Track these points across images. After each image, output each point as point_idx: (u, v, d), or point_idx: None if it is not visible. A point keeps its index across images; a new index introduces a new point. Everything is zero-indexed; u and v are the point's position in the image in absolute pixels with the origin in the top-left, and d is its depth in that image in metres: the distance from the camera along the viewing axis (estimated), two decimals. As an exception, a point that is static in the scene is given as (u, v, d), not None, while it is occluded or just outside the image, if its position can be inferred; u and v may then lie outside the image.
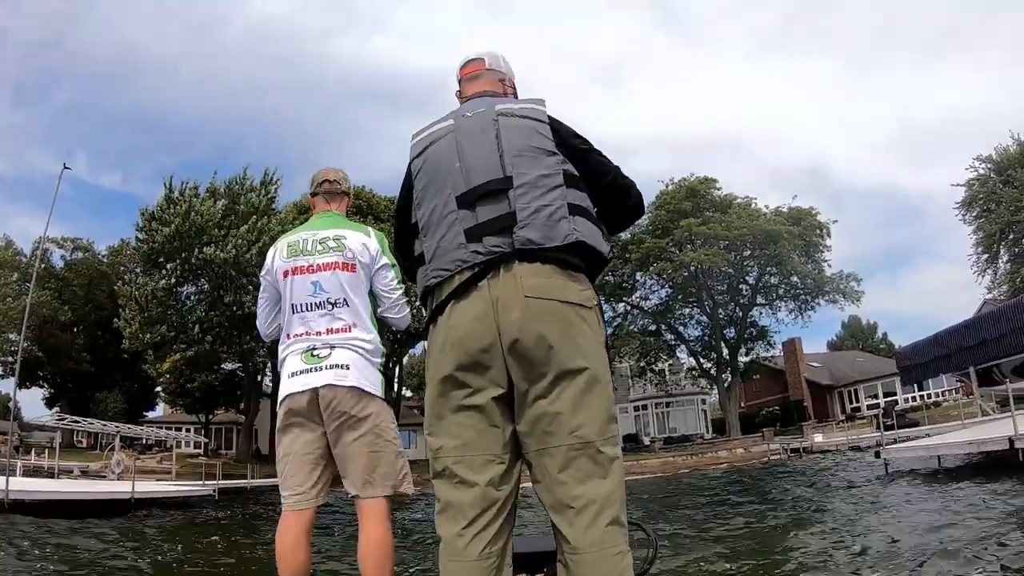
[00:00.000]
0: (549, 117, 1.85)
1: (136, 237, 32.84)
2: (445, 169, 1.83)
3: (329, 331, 2.58)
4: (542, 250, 1.68)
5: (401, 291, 2.74)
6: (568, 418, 1.62)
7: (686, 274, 40.78)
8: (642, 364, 45.17)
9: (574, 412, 1.62)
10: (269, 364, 35.65)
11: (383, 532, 2.49)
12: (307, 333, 2.60)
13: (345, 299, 2.61)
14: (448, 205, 1.79)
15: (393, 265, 2.69)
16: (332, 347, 2.56)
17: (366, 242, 2.70)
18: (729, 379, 43.48)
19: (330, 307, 2.60)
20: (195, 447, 40.38)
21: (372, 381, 2.58)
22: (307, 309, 2.61)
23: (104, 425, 27.92)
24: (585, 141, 1.88)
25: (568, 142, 1.83)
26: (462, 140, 1.84)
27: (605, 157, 1.90)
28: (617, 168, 1.91)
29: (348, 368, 2.54)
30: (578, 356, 1.64)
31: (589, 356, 1.65)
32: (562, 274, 1.69)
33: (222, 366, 38.75)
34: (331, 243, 2.67)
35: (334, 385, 2.50)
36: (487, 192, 1.74)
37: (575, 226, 1.70)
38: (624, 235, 42.92)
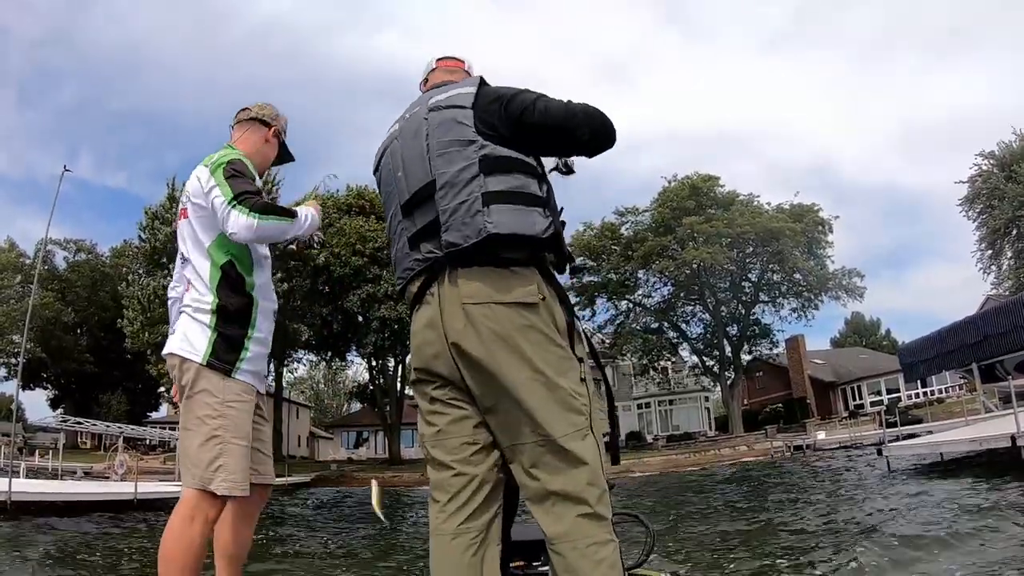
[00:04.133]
0: (476, 98, 1.75)
1: (139, 236, 32.90)
2: (392, 180, 1.87)
3: (183, 287, 2.36)
4: (466, 252, 1.64)
5: (223, 200, 2.18)
6: (525, 418, 1.62)
7: (688, 272, 40.72)
8: (644, 362, 45.14)
9: (529, 412, 1.61)
10: (272, 363, 35.68)
11: (176, 528, 2.07)
12: (175, 290, 2.43)
13: (185, 254, 2.33)
14: (397, 215, 1.84)
15: (221, 184, 2.22)
16: (180, 312, 2.33)
17: (199, 174, 2.30)
18: (732, 377, 43.43)
19: (183, 262, 2.37)
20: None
21: (193, 343, 2.22)
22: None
23: (107, 426, 27.97)
24: (519, 101, 1.71)
25: (497, 115, 1.71)
26: (401, 146, 1.85)
27: (545, 104, 1.70)
28: (560, 106, 1.71)
29: (175, 333, 2.29)
30: (522, 359, 1.62)
31: (535, 356, 1.63)
32: (500, 273, 1.65)
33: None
34: (188, 185, 2.37)
35: (172, 353, 2.27)
36: (420, 198, 1.75)
37: (488, 218, 1.62)
38: (627, 233, 42.94)
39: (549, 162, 1.85)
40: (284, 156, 2.72)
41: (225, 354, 2.21)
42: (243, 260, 2.32)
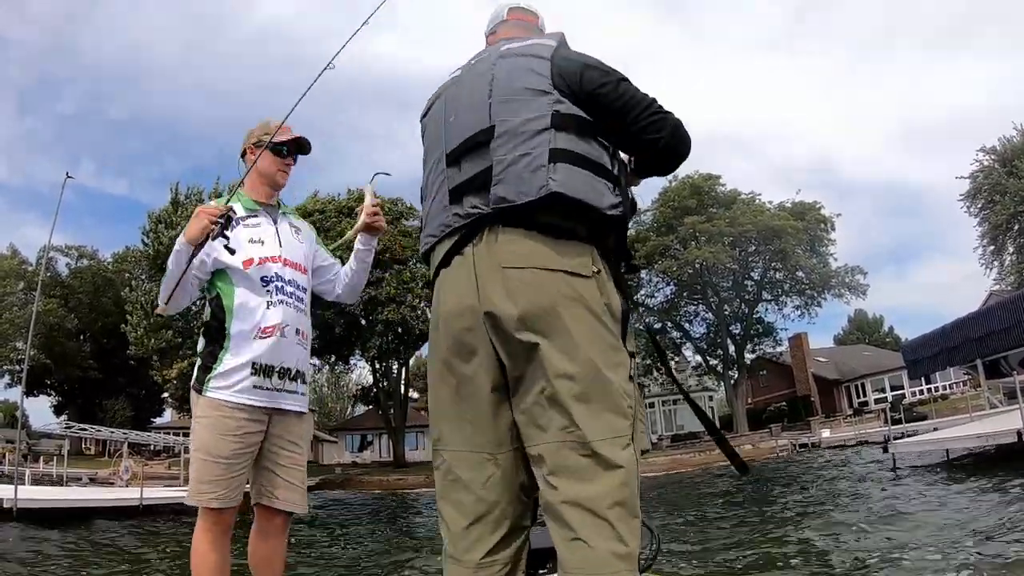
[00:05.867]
0: (555, 50, 1.56)
1: (142, 241, 33.00)
2: (440, 126, 1.64)
3: None
4: (518, 209, 1.42)
5: None
6: (560, 411, 1.36)
7: (691, 271, 40.64)
8: (648, 362, 44.99)
9: (566, 404, 1.36)
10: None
11: (193, 542, 2.28)
12: None
13: None
14: (439, 164, 1.60)
15: None
16: None
17: None
18: (736, 376, 43.36)
19: None
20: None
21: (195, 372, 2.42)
22: None
23: (112, 432, 27.93)
24: (601, 73, 1.53)
25: (576, 76, 1.51)
26: (459, 92, 1.64)
27: (629, 90, 1.53)
28: (645, 101, 1.53)
29: None
30: (566, 337, 1.37)
31: (580, 337, 1.38)
32: (550, 240, 1.42)
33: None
34: None
35: None
36: (472, 145, 1.52)
37: (553, 175, 1.40)
38: (629, 233, 42.76)
39: None
40: (291, 148, 2.58)
41: (200, 374, 2.36)
42: (227, 293, 2.38)
